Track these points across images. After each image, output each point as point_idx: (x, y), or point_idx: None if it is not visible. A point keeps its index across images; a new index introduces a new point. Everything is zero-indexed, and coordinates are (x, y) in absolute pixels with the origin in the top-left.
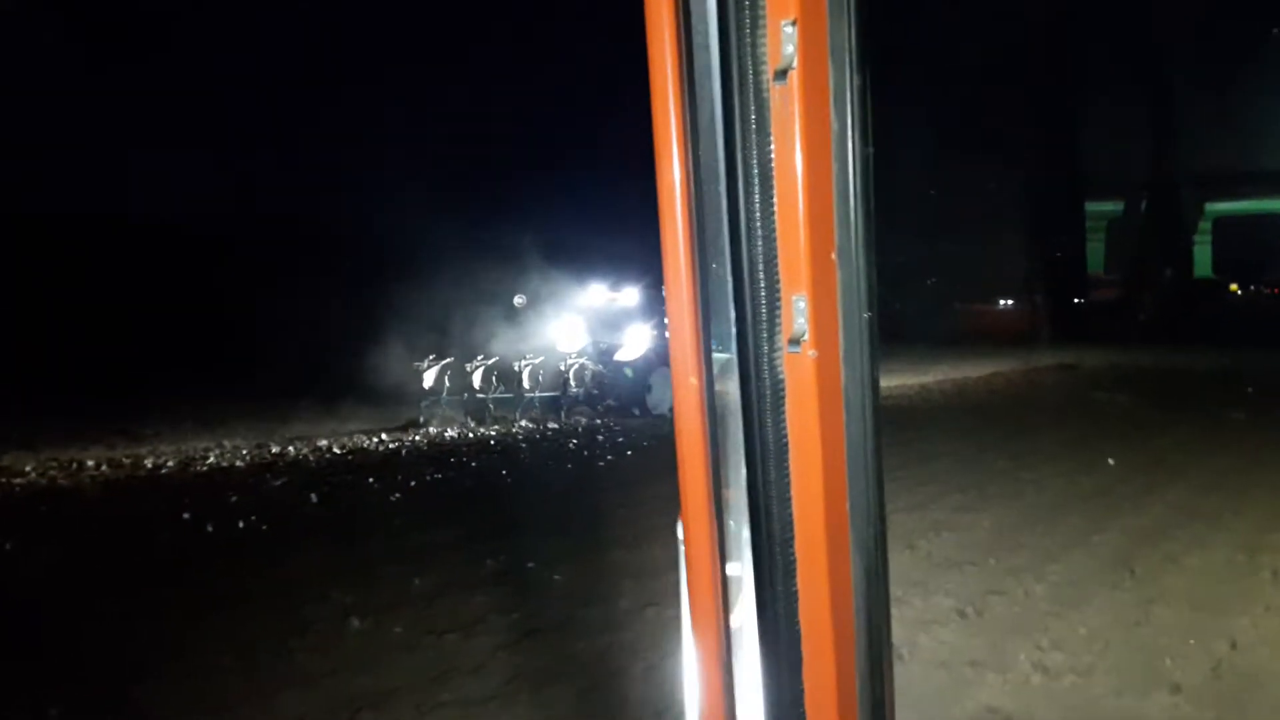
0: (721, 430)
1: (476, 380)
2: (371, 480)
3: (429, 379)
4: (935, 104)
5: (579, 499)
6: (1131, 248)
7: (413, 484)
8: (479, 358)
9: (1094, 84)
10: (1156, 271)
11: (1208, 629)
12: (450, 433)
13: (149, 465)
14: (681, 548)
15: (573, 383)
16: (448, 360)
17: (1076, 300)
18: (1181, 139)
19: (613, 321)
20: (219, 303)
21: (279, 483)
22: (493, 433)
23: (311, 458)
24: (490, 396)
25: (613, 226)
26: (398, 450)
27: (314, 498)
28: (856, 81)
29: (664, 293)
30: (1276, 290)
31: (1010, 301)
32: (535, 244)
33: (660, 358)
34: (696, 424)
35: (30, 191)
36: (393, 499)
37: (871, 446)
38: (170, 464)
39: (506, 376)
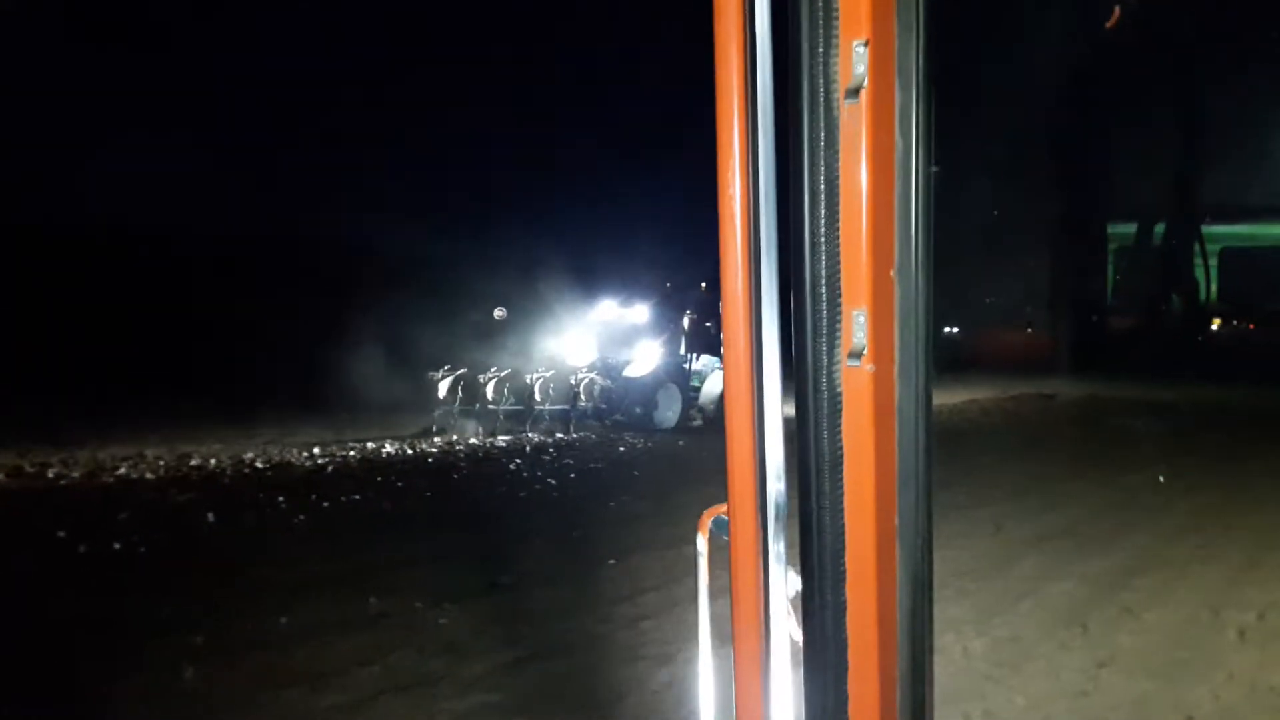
0: (773, 441)
1: (489, 392)
2: (282, 499)
3: (443, 389)
4: (954, 128)
5: (501, 526)
6: (1139, 278)
7: (325, 505)
8: (492, 370)
9: (1103, 112)
10: (1162, 302)
11: (1162, 700)
12: (388, 448)
13: (50, 475)
14: (701, 560)
15: (582, 396)
16: (461, 371)
17: (1077, 329)
18: (1192, 170)
19: (622, 338)
20: (225, 314)
21: (183, 498)
22: (437, 447)
23: (230, 472)
24: (501, 408)
25: (624, 246)
26: (324, 467)
27: (211, 517)
28: (922, 102)
29: (720, 304)
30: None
31: (1002, 327)
32: (548, 261)
33: (668, 374)
34: (747, 435)
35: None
36: (297, 521)
37: (923, 461)
38: (75, 474)
39: (518, 389)
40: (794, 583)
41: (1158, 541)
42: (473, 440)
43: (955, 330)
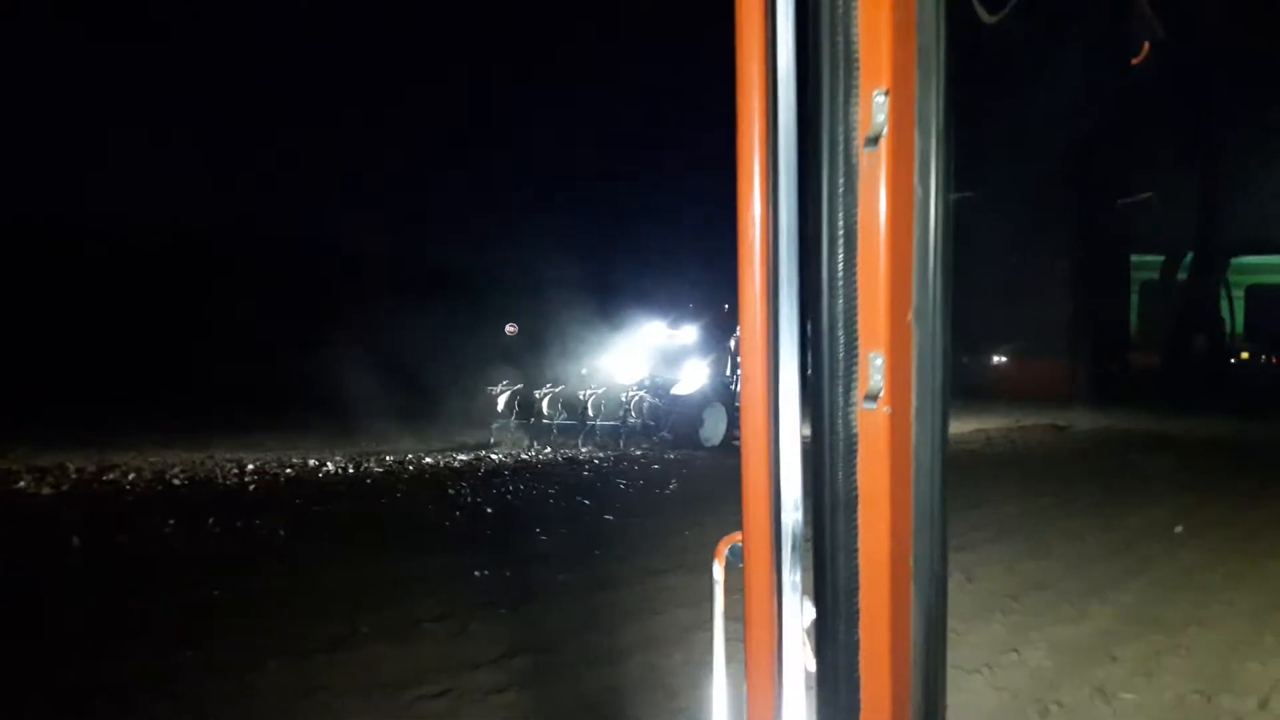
0: (789, 472)
1: (544, 407)
2: (202, 522)
3: (501, 403)
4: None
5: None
6: (1163, 311)
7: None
8: (547, 385)
9: (1129, 144)
10: (1185, 336)
11: None
12: (461, 457)
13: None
14: (718, 588)
15: (632, 413)
16: (518, 386)
17: (1095, 360)
18: (1219, 206)
19: (671, 357)
20: (287, 332)
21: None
22: (499, 457)
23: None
24: (556, 422)
25: (673, 269)
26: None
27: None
28: (942, 149)
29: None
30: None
31: (1020, 357)
32: (602, 283)
33: (715, 393)
34: (762, 466)
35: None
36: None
37: (938, 504)
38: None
39: (571, 405)
40: (809, 612)
41: (1151, 598)
42: (528, 453)
43: (967, 360)
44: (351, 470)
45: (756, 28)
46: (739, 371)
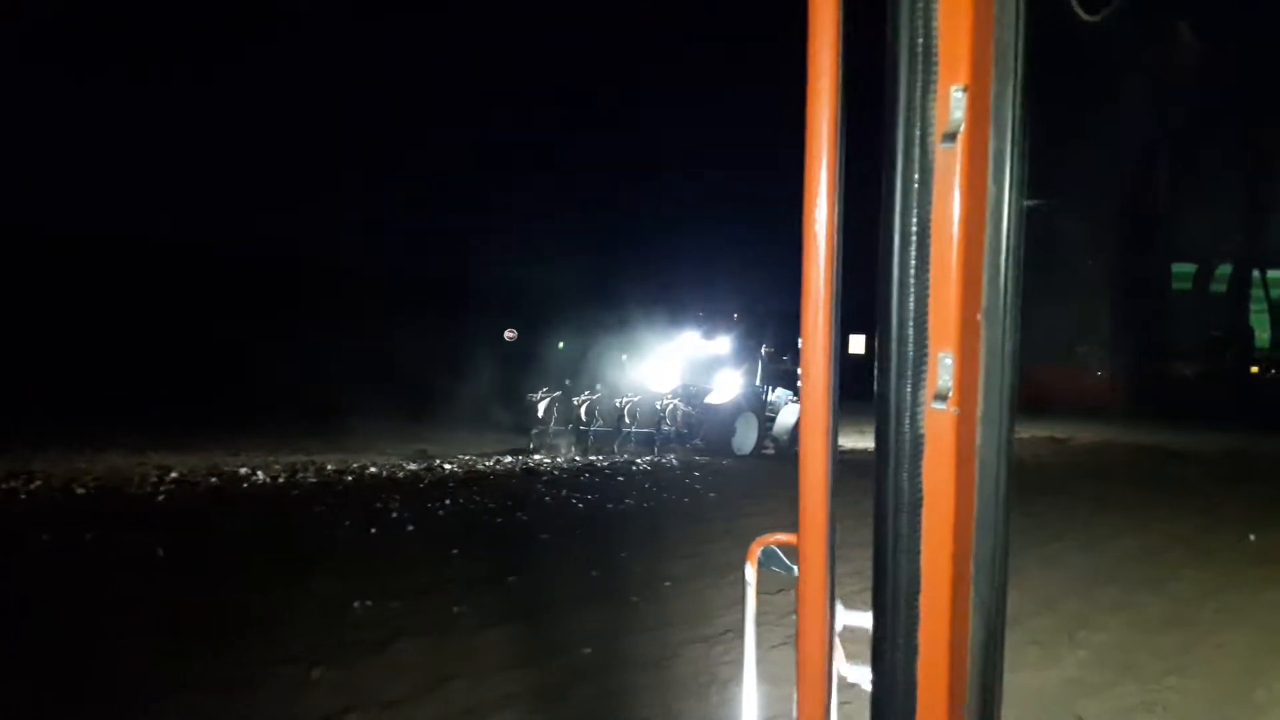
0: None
1: (582, 414)
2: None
3: (540, 410)
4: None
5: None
6: (1189, 322)
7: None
8: (585, 393)
9: (1172, 156)
10: (1211, 348)
11: None
12: (507, 459)
13: None
14: (750, 590)
15: (666, 421)
16: (557, 394)
17: (1110, 371)
18: (1254, 217)
19: (704, 367)
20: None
21: None
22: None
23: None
24: (593, 429)
25: (707, 282)
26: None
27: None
28: (1018, 147)
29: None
30: None
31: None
32: (638, 294)
33: (747, 403)
34: (820, 472)
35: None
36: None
37: (1003, 508)
38: None
39: (608, 412)
40: (856, 619)
41: (1126, 642)
42: (569, 458)
43: None
44: (348, 476)
45: (830, 22)
46: (768, 384)
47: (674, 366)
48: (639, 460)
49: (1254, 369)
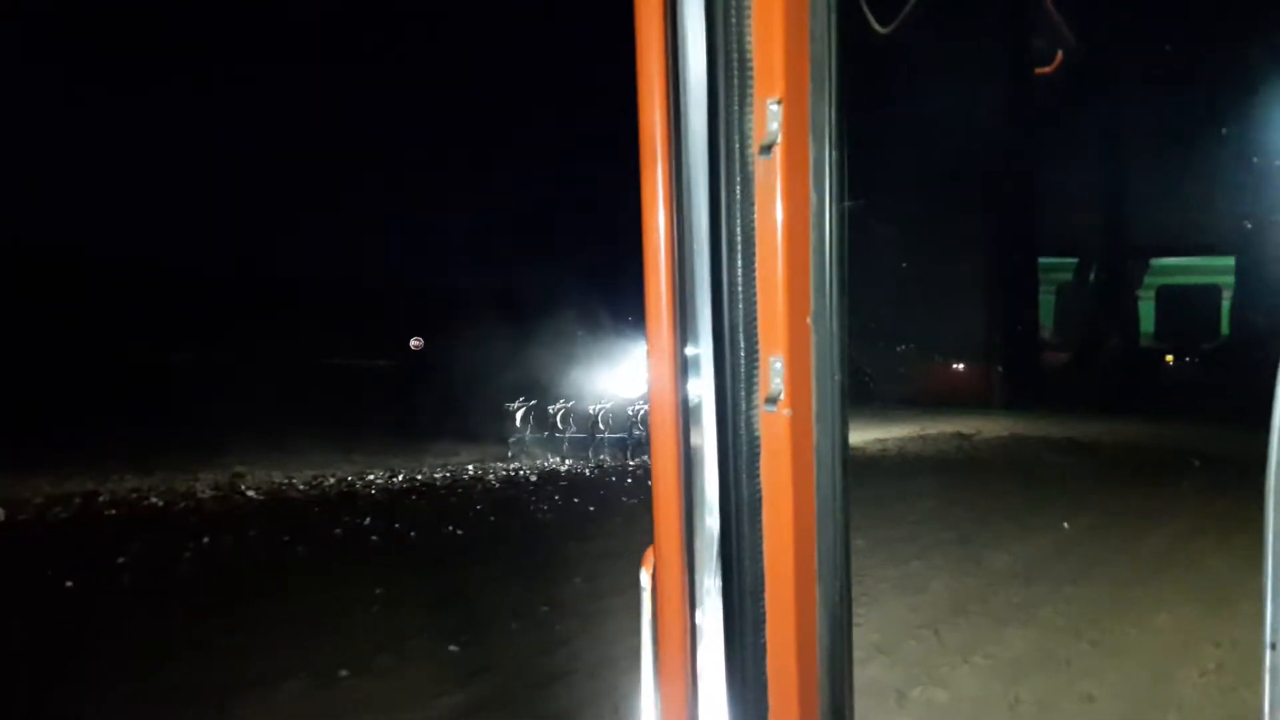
0: (698, 485)
1: (558, 421)
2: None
3: (518, 418)
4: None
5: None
6: (1075, 314)
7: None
8: (560, 400)
9: (1040, 143)
10: (1098, 339)
11: None
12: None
13: None
14: (646, 596)
15: (638, 426)
16: (533, 402)
17: (1007, 365)
18: (1133, 205)
19: None
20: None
21: None
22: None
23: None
24: (567, 436)
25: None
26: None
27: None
28: (835, 157)
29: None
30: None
31: (927, 363)
32: (607, 300)
33: None
34: (672, 478)
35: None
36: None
37: (840, 504)
38: None
39: (581, 419)
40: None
41: (994, 685)
42: (545, 464)
43: (870, 372)
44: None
45: (656, 36)
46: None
47: (644, 372)
48: (610, 464)
49: (1168, 358)
